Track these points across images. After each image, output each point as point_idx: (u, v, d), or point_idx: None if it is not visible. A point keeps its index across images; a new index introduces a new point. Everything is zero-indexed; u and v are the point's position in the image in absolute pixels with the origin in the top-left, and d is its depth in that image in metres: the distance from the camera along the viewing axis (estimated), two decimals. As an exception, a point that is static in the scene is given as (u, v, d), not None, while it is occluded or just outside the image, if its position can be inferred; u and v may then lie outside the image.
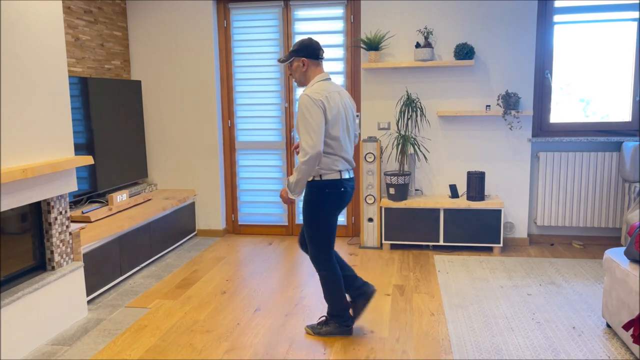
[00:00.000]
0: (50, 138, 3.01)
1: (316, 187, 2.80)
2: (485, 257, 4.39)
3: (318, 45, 2.84)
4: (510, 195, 4.70)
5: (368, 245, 4.72)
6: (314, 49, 2.82)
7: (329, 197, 2.79)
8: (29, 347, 2.87)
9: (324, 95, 2.73)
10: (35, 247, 3.07)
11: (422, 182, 4.83)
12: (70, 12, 4.15)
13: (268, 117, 5.06)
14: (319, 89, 2.75)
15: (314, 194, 2.81)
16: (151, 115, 5.13)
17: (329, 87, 2.79)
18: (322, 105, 2.70)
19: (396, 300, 3.52)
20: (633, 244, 2.78)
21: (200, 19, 4.91)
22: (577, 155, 4.56)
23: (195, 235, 5.22)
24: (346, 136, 2.84)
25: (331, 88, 2.80)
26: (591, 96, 4.62)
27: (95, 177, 4.15)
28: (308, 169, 2.68)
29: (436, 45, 4.62)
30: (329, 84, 2.82)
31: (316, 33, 4.85)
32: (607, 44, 4.52)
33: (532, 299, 3.48)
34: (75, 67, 4.24)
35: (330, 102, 2.74)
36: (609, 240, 4.71)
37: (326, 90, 2.76)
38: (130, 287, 3.86)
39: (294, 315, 3.31)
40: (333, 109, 2.74)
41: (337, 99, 2.80)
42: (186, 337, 3.03)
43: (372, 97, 4.77)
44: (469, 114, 4.53)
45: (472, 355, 2.75)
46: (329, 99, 2.74)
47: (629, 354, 2.73)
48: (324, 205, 2.80)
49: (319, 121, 2.68)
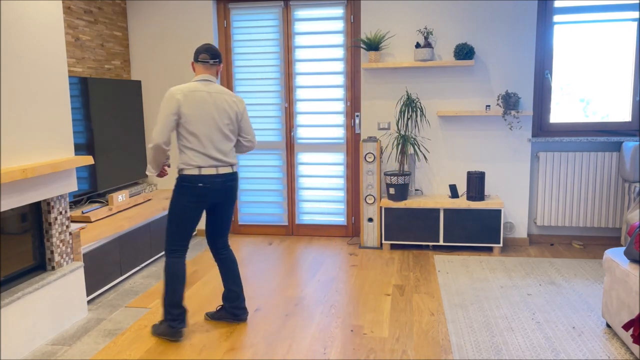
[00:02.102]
0: (50, 138, 3.01)
1: (177, 180, 2.96)
2: (485, 257, 4.39)
3: (202, 49, 2.96)
4: (510, 195, 4.70)
5: (368, 245, 4.72)
6: (197, 52, 2.97)
7: (185, 191, 2.92)
8: (29, 347, 2.87)
9: (185, 92, 2.87)
10: (35, 247, 3.07)
11: (422, 182, 4.83)
12: (70, 12, 4.15)
13: (268, 117, 5.06)
14: (185, 86, 2.91)
15: (175, 186, 2.97)
16: (151, 115, 5.13)
17: (198, 86, 2.91)
18: (178, 100, 2.84)
19: (396, 300, 3.52)
20: (633, 244, 2.78)
21: (200, 19, 4.91)
22: (577, 155, 4.56)
23: (196, 235, 5.22)
24: (214, 135, 2.92)
25: (200, 87, 2.91)
26: (591, 96, 4.62)
27: (95, 177, 4.15)
28: (152, 154, 2.91)
29: (436, 45, 4.62)
30: (201, 84, 2.93)
31: (316, 33, 4.85)
32: (607, 44, 4.52)
33: (532, 299, 3.48)
34: (75, 67, 4.24)
35: (189, 99, 2.86)
36: (609, 240, 4.71)
37: (191, 88, 2.90)
38: (130, 287, 3.86)
39: (294, 315, 3.31)
40: (192, 106, 2.86)
41: (203, 97, 2.89)
42: (186, 337, 3.03)
43: (372, 97, 4.77)
44: (468, 114, 4.54)
45: (472, 355, 2.75)
46: (189, 96, 2.87)
47: (629, 354, 2.73)
48: (180, 198, 2.94)
49: (167, 114, 2.83)
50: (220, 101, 2.95)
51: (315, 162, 5.05)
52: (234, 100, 3.01)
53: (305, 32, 4.88)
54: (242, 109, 3.04)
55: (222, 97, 2.96)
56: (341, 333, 3.05)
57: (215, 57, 2.98)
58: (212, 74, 3.00)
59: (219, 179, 2.96)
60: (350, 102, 4.90)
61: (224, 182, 2.99)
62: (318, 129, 4.99)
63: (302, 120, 5.01)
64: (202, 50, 2.97)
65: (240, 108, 3.03)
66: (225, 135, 2.97)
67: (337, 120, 4.95)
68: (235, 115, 3.00)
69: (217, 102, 2.93)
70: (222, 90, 2.99)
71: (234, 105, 3.00)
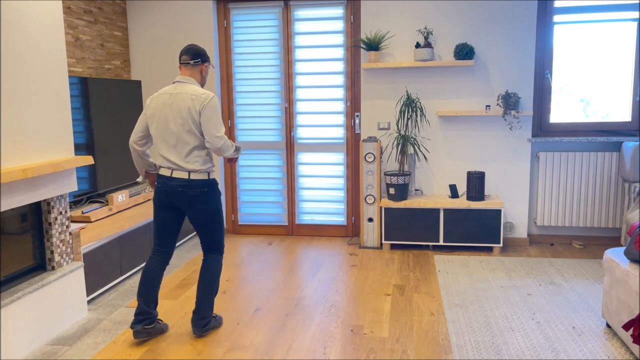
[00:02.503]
0: (50, 138, 3.01)
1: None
2: (485, 257, 4.39)
3: (183, 51, 2.94)
4: (510, 195, 4.70)
5: (368, 245, 4.72)
6: (180, 55, 2.96)
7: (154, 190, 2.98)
8: (29, 347, 2.87)
9: (154, 95, 2.94)
10: (35, 247, 3.07)
11: (422, 182, 4.83)
12: (70, 12, 4.15)
13: (268, 117, 5.06)
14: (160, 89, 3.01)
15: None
16: (151, 115, 5.12)
17: (166, 89, 2.92)
18: (147, 102, 2.95)
19: (396, 300, 3.52)
20: (633, 244, 2.78)
21: (200, 19, 4.91)
22: (577, 155, 4.56)
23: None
24: (167, 137, 2.85)
25: (167, 90, 2.90)
26: (591, 96, 4.62)
27: (95, 177, 4.15)
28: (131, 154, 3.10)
29: (436, 45, 4.62)
30: (170, 86, 2.92)
31: (316, 33, 4.85)
32: (607, 44, 4.52)
33: (532, 299, 3.48)
34: (75, 67, 4.24)
35: (153, 102, 2.91)
36: (609, 240, 4.71)
37: (160, 91, 2.94)
38: (131, 287, 3.86)
39: (294, 315, 3.31)
40: (152, 107, 2.90)
41: (163, 100, 2.87)
42: (186, 337, 3.03)
43: (372, 97, 4.77)
44: (468, 114, 4.54)
45: (472, 355, 2.75)
46: (153, 99, 2.92)
47: (629, 354, 2.73)
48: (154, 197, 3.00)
49: (141, 116, 2.98)
50: (178, 102, 2.83)
51: (315, 162, 5.05)
52: (193, 99, 2.81)
53: (305, 32, 4.88)
54: (199, 107, 2.80)
55: (182, 97, 2.83)
56: (341, 333, 3.05)
57: (196, 57, 2.91)
58: (193, 74, 2.93)
59: (173, 182, 2.86)
60: (350, 102, 4.90)
61: (177, 187, 2.86)
62: (318, 129, 4.99)
63: (302, 120, 5.01)
64: (183, 52, 2.92)
65: (197, 107, 2.80)
66: (179, 138, 2.83)
67: (337, 120, 4.95)
68: (189, 115, 2.80)
69: (174, 103, 2.83)
70: (187, 90, 2.85)
71: (192, 104, 2.81)
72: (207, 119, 2.81)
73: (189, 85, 2.89)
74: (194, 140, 2.84)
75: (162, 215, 2.96)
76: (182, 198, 2.87)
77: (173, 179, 2.86)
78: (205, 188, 2.88)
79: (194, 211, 2.90)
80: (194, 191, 2.86)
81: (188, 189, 2.85)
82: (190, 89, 2.86)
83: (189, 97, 2.82)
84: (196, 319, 2.99)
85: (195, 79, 2.93)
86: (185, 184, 2.85)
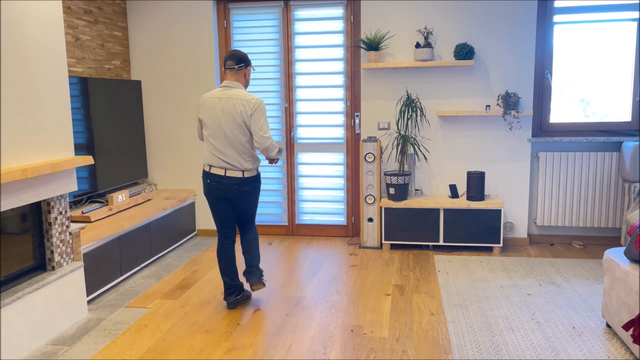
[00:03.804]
0: (50, 138, 3.01)
1: None
2: (485, 257, 4.39)
3: (227, 57, 3.24)
4: (510, 195, 4.70)
5: (368, 245, 4.72)
6: (224, 60, 3.26)
7: (204, 184, 3.30)
8: (29, 347, 2.87)
9: (204, 98, 3.23)
10: (35, 247, 3.07)
11: (422, 182, 4.83)
12: (70, 12, 4.15)
13: (268, 117, 5.06)
14: (209, 92, 3.24)
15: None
16: (151, 115, 5.13)
17: (215, 92, 3.21)
18: (198, 106, 3.26)
19: (396, 300, 3.52)
20: (633, 244, 2.78)
21: (200, 19, 4.91)
22: (577, 155, 4.56)
23: (196, 235, 5.23)
24: (220, 138, 3.18)
25: (215, 93, 3.20)
26: (591, 96, 4.62)
27: (95, 177, 4.15)
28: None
29: (436, 45, 4.62)
30: (219, 90, 3.21)
31: (316, 33, 4.85)
32: (607, 44, 4.52)
33: (532, 299, 3.48)
34: (75, 67, 4.24)
35: (203, 105, 3.22)
36: (609, 240, 4.71)
37: (209, 94, 3.22)
38: (130, 287, 3.86)
39: (294, 315, 3.31)
40: (203, 111, 3.21)
41: (214, 103, 3.18)
42: (186, 337, 3.03)
43: (372, 97, 4.77)
44: (468, 114, 4.54)
45: (472, 355, 2.75)
46: (204, 102, 3.22)
47: (629, 354, 2.73)
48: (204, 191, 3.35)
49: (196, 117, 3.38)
50: (229, 106, 3.14)
51: (315, 162, 5.05)
52: (244, 104, 3.14)
53: (305, 32, 4.88)
54: (250, 111, 3.14)
55: (231, 101, 3.15)
56: (341, 333, 3.05)
57: (239, 62, 3.22)
58: (238, 78, 3.25)
59: (228, 180, 3.21)
60: (350, 102, 4.90)
61: (232, 185, 3.22)
62: (318, 129, 4.99)
63: (302, 120, 5.01)
64: (228, 58, 3.22)
65: (248, 111, 3.14)
66: (232, 140, 3.17)
67: (337, 120, 4.95)
68: (241, 119, 3.14)
69: (225, 107, 3.15)
70: (235, 94, 3.17)
71: (243, 109, 3.14)
72: (256, 121, 3.15)
73: (236, 89, 3.20)
74: (245, 142, 3.19)
75: (219, 207, 3.31)
76: (237, 193, 3.24)
77: (227, 177, 3.21)
78: (256, 182, 3.31)
79: (245, 201, 3.30)
80: (247, 187, 3.26)
81: (242, 186, 3.24)
82: (239, 94, 3.17)
83: (240, 102, 3.14)
84: (253, 271, 3.40)
85: (240, 82, 3.25)
86: (240, 181, 3.22)
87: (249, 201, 3.33)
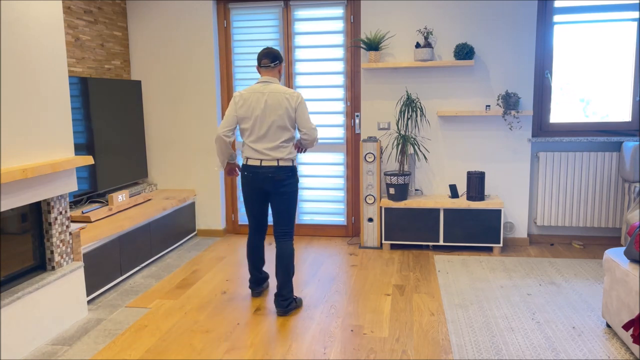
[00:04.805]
0: (50, 138, 3.01)
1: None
2: (485, 257, 4.39)
3: (262, 55, 3.32)
4: (510, 195, 4.70)
5: (368, 245, 4.72)
6: (259, 59, 3.33)
7: (242, 177, 3.39)
8: (29, 347, 2.87)
9: (243, 93, 3.29)
10: (35, 247, 3.07)
11: (422, 182, 4.83)
12: (70, 12, 4.15)
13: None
14: (247, 88, 3.30)
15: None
16: (151, 115, 5.13)
17: (255, 88, 3.28)
18: (236, 100, 3.29)
19: (396, 300, 3.52)
20: (633, 244, 2.78)
21: (200, 19, 4.91)
22: (577, 155, 4.56)
23: (196, 235, 5.23)
24: (260, 130, 3.24)
25: (256, 88, 3.27)
26: (591, 96, 4.62)
27: (95, 177, 4.15)
28: (216, 145, 3.37)
29: (436, 45, 4.62)
30: (259, 85, 3.29)
31: (316, 33, 4.85)
32: (607, 44, 4.52)
33: (532, 299, 3.48)
34: (75, 67, 4.24)
35: (243, 100, 3.26)
36: (609, 240, 4.71)
37: (249, 89, 3.28)
38: (130, 287, 3.86)
39: (294, 315, 3.31)
40: (244, 106, 3.26)
41: (255, 98, 3.24)
42: (186, 337, 3.03)
43: (372, 97, 4.77)
44: (468, 114, 4.54)
45: (472, 355, 2.75)
46: (244, 97, 3.27)
47: (629, 354, 2.73)
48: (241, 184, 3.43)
49: (229, 111, 3.29)
50: (273, 100, 3.23)
51: (315, 162, 5.05)
52: (287, 97, 3.23)
53: (305, 32, 4.88)
54: (295, 104, 3.24)
55: (276, 96, 3.23)
56: (341, 333, 3.05)
57: (274, 59, 3.31)
58: (274, 75, 3.34)
59: (263, 169, 3.26)
60: (350, 102, 4.90)
61: (267, 173, 3.26)
62: (318, 128, 4.99)
63: (302, 120, 5.01)
64: (262, 56, 3.31)
65: (292, 104, 3.24)
66: (272, 132, 3.24)
67: (337, 120, 4.95)
68: (286, 112, 3.22)
69: (269, 101, 3.23)
70: (277, 89, 3.26)
71: (287, 103, 3.23)
72: (302, 114, 3.27)
73: (274, 84, 3.29)
74: (286, 134, 3.26)
75: (252, 199, 3.39)
76: (272, 182, 3.28)
77: (263, 167, 3.27)
78: (290, 172, 3.30)
79: (279, 194, 3.30)
80: (281, 175, 3.27)
81: (276, 174, 3.26)
82: (280, 89, 3.26)
83: (283, 96, 3.23)
84: (280, 301, 3.32)
85: (276, 78, 3.34)
86: (275, 170, 3.26)
87: (284, 198, 3.30)
